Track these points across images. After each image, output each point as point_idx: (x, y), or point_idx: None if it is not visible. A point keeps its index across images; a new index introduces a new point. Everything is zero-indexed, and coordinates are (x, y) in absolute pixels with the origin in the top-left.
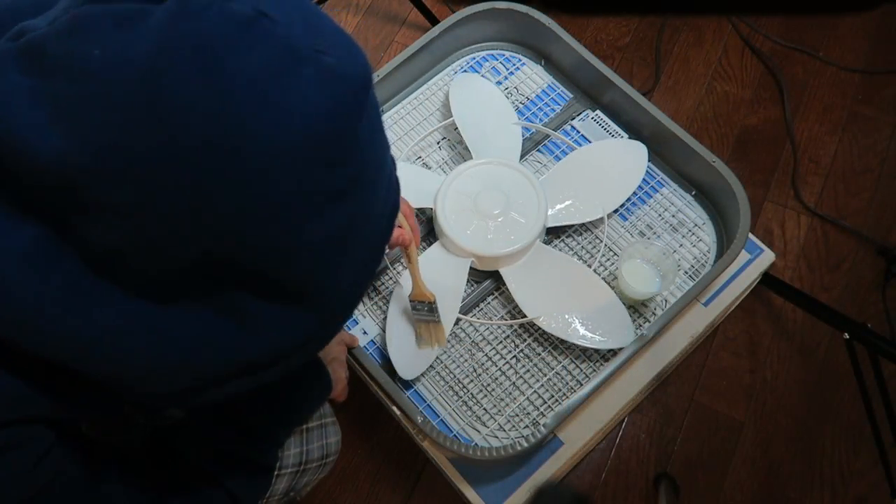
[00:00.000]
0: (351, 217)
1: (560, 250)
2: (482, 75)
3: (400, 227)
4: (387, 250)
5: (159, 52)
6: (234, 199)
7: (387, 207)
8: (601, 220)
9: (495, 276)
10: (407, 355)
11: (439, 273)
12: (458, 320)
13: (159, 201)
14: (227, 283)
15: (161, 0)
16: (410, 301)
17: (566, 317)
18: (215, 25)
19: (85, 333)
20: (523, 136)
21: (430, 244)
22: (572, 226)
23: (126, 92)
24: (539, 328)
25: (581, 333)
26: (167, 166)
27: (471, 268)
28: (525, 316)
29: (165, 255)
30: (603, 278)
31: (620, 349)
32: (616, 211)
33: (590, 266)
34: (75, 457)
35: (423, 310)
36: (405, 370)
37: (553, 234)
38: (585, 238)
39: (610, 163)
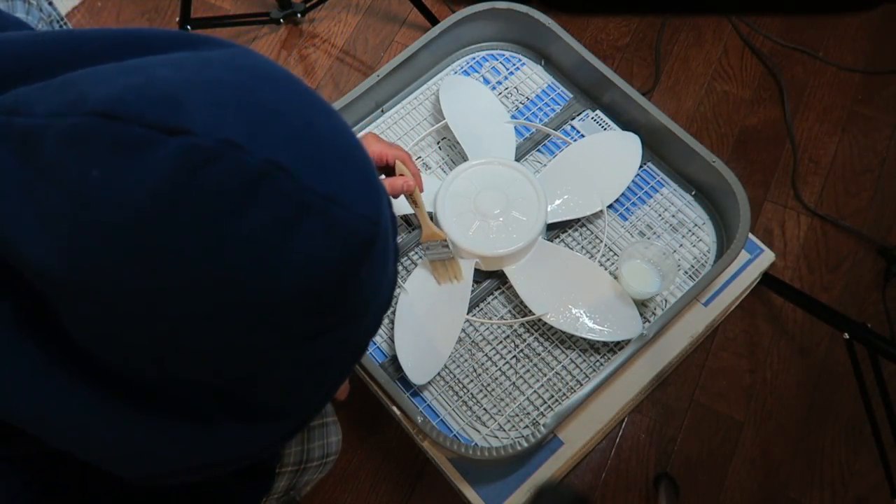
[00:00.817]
0: (331, 348)
1: None
2: (482, 75)
3: (401, 174)
4: (392, 201)
5: (158, 196)
6: (211, 340)
7: (374, 325)
8: (601, 216)
9: (495, 276)
10: (417, 361)
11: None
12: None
13: (135, 326)
14: (196, 398)
15: (172, 131)
16: (422, 244)
17: (573, 311)
18: (221, 181)
19: (42, 410)
20: (523, 136)
21: None
22: (572, 224)
23: (118, 225)
24: (540, 327)
25: (589, 327)
26: (148, 303)
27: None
28: (531, 314)
29: (134, 367)
30: None
31: (628, 342)
32: (615, 208)
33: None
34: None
35: (437, 248)
36: (416, 376)
37: (553, 233)
38: (585, 237)
39: (604, 155)
